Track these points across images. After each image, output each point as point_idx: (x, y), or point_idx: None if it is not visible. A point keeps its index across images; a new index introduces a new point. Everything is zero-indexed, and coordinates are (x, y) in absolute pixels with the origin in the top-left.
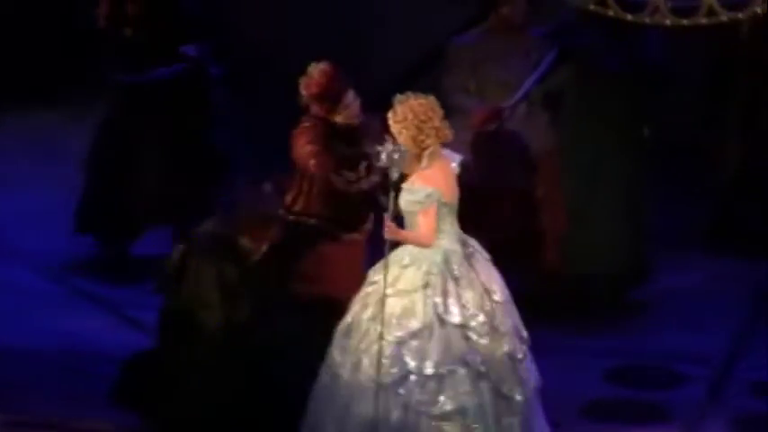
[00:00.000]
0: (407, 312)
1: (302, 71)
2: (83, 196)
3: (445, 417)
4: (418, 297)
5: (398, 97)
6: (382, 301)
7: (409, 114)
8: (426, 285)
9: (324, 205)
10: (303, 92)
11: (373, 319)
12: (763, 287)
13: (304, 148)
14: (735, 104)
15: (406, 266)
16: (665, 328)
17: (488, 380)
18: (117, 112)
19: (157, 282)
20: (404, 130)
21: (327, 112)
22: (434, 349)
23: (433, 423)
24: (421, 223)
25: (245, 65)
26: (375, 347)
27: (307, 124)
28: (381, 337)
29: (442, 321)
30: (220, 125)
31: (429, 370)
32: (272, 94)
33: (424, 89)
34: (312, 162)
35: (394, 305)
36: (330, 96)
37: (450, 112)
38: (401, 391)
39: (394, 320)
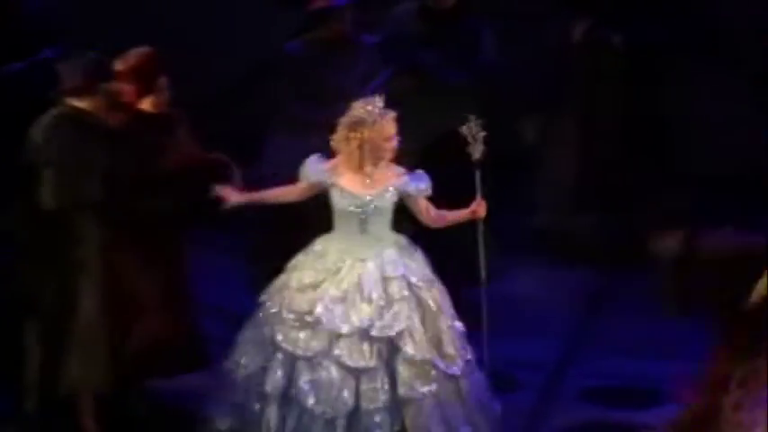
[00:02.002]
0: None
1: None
2: None
3: None
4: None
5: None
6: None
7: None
8: None
9: None
10: (119, 66)
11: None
12: (594, 294)
13: None
14: (571, 115)
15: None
16: (499, 334)
17: None
18: None
19: None
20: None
21: (137, 96)
22: None
23: None
24: (428, 205)
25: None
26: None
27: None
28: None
29: None
30: None
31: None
32: None
33: (261, 96)
34: None
35: (438, 294)
36: (145, 75)
37: (288, 121)
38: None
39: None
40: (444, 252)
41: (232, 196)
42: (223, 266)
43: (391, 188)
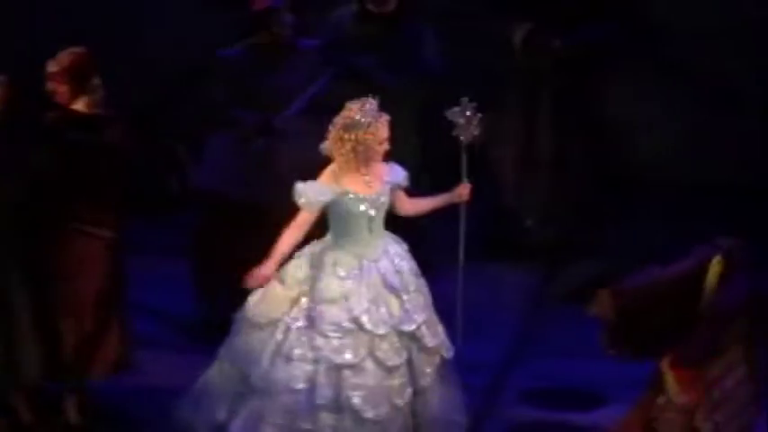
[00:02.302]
0: None
1: None
2: None
3: None
4: None
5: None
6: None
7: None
8: None
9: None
10: (52, 67)
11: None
12: (538, 295)
13: None
14: (513, 117)
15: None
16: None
17: None
18: None
19: None
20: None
21: (71, 96)
22: None
23: None
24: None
25: None
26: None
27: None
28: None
29: None
30: None
31: None
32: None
33: (201, 99)
34: None
35: None
36: (79, 75)
37: (228, 125)
38: None
39: None
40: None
41: (263, 273)
42: (159, 267)
43: (387, 183)
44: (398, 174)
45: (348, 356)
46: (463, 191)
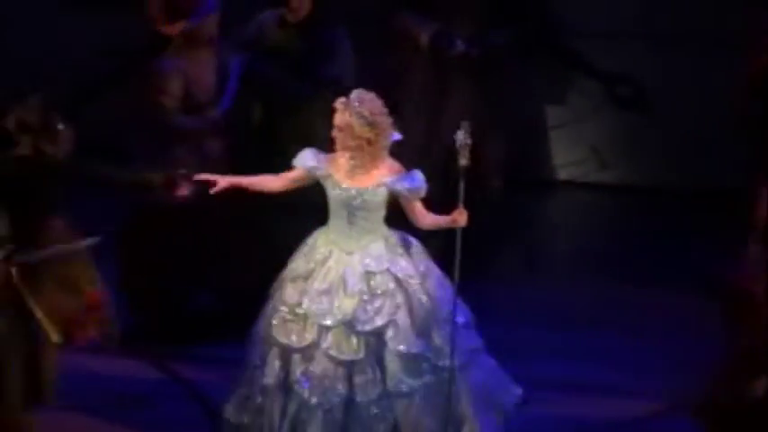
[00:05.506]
0: None
1: None
2: None
3: None
4: None
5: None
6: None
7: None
8: None
9: None
10: None
11: None
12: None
13: None
14: (420, 119)
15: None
16: None
17: None
18: None
19: None
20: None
21: None
22: None
23: None
24: (417, 206)
25: None
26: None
27: None
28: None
29: None
30: None
31: None
32: None
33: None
34: None
35: (433, 287)
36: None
37: (176, 133)
38: None
39: None
40: None
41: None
42: None
43: (383, 183)
44: (408, 182)
45: (293, 339)
46: (459, 217)
